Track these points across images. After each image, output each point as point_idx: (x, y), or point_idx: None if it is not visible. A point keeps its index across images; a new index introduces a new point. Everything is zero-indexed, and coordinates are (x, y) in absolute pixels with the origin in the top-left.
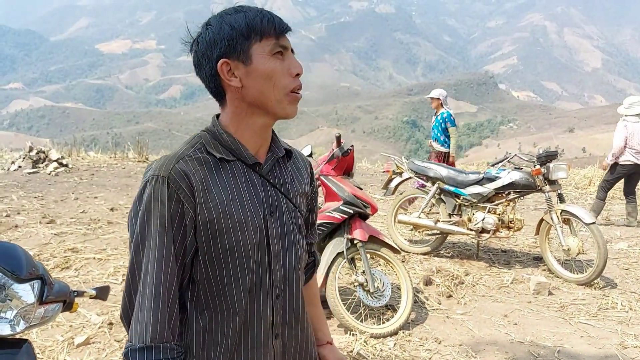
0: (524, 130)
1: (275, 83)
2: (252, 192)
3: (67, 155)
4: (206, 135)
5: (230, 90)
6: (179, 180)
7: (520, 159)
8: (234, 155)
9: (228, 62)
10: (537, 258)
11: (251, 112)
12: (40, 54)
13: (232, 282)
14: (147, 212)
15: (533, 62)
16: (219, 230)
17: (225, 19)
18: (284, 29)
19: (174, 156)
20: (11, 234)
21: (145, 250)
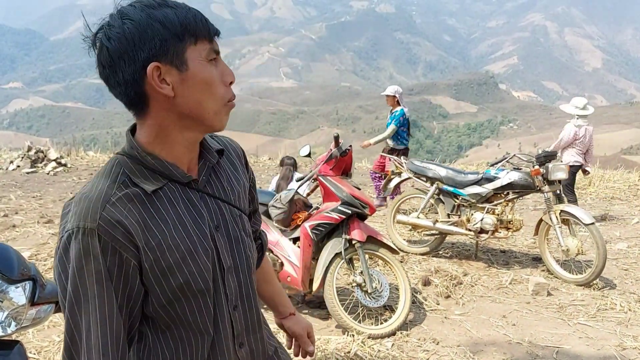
0: (525, 131)
1: (213, 92)
2: (194, 213)
3: (66, 155)
4: (127, 162)
5: (157, 99)
6: (111, 230)
7: (520, 159)
8: (165, 178)
9: (159, 66)
10: (536, 258)
11: (181, 126)
12: (40, 53)
13: (195, 310)
14: (79, 269)
15: (533, 62)
16: (168, 267)
17: (151, 14)
18: (216, 32)
19: (98, 199)
20: (9, 234)
21: (83, 310)
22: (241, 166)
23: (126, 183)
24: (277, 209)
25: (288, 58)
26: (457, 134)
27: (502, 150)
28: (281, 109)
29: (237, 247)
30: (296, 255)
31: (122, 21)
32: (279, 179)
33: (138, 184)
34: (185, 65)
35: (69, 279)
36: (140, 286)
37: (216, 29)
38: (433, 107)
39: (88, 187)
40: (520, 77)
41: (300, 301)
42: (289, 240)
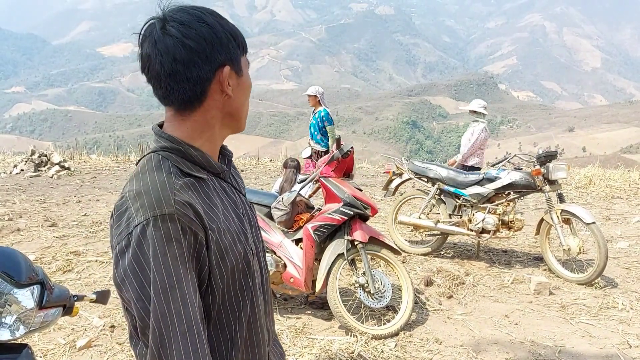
0: (524, 130)
1: (249, 96)
2: (230, 202)
3: (69, 159)
4: (171, 156)
5: (214, 98)
6: (186, 212)
7: (520, 159)
8: (203, 170)
9: (229, 70)
10: (537, 258)
11: (223, 123)
12: (42, 57)
13: (239, 294)
14: (163, 255)
15: (532, 62)
16: (225, 249)
17: (221, 24)
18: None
19: (164, 188)
20: (13, 238)
21: (171, 296)
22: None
23: (178, 174)
24: (280, 211)
25: (288, 60)
26: (457, 134)
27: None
28: (282, 110)
29: (256, 234)
30: (299, 257)
31: (199, 24)
32: (283, 181)
33: (190, 173)
34: (241, 71)
35: (153, 268)
36: (207, 268)
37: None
38: (433, 107)
39: (139, 184)
40: (519, 77)
41: (303, 302)
42: (292, 241)
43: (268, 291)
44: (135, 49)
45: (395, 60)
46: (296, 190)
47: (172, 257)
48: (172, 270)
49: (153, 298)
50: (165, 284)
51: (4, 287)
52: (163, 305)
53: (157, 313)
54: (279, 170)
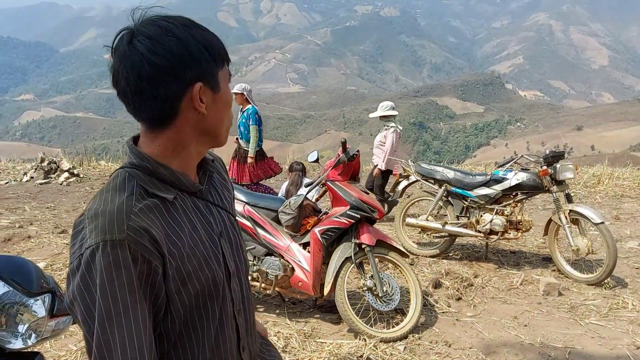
0: (532, 130)
1: (229, 111)
2: (204, 222)
3: (79, 165)
4: (138, 174)
5: (187, 116)
6: (140, 238)
7: (527, 159)
8: (175, 188)
9: (202, 87)
10: (546, 259)
11: (199, 141)
12: (50, 65)
13: (203, 317)
14: (109, 282)
15: (539, 61)
16: (187, 274)
17: (194, 35)
18: (229, 59)
19: (120, 211)
20: (24, 245)
21: (115, 324)
22: (225, 174)
23: (142, 194)
24: (287, 215)
25: (294, 63)
26: (464, 134)
27: (510, 150)
28: (288, 113)
29: (237, 252)
30: (306, 260)
31: (167, 37)
32: (289, 185)
33: (155, 193)
34: (218, 86)
35: (99, 295)
36: (164, 295)
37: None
38: (439, 108)
39: (99, 203)
40: (526, 77)
41: (312, 306)
42: (299, 245)
43: (250, 311)
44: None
45: (401, 61)
46: (303, 194)
47: (119, 285)
48: (118, 298)
49: (97, 324)
50: (111, 312)
51: (16, 297)
52: (107, 332)
53: (100, 340)
54: (286, 174)
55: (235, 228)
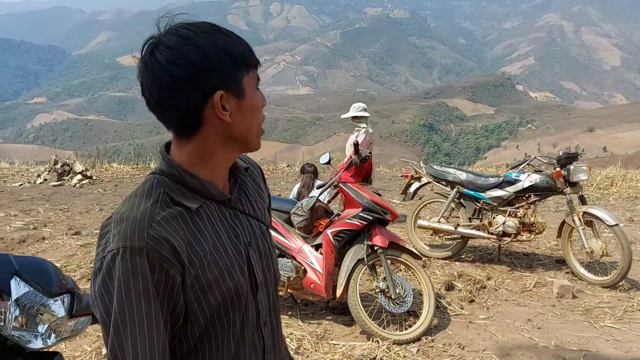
0: (543, 131)
1: (258, 117)
2: (230, 231)
3: (91, 167)
4: (166, 181)
5: (211, 124)
6: (159, 248)
7: (540, 161)
8: (202, 197)
9: (223, 95)
10: (559, 261)
11: (226, 148)
12: (62, 68)
13: (221, 328)
14: (126, 288)
15: (550, 63)
16: (207, 284)
17: (214, 42)
18: (259, 62)
19: (143, 218)
20: (39, 246)
21: (129, 330)
22: (262, 183)
23: (168, 202)
24: (299, 217)
25: (303, 66)
26: (474, 136)
27: (521, 152)
28: (298, 116)
29: (266, 262)
30: (319, 262)
31: (187, 46)
32: (300, 187)
33: (180, 202)
34: (242, 93)
35: (115, 300)
36: (183, 304)
37: (259, 60)
38: (449, 109)
39: (127, 207)
40: (537, 78)
41: (324, 308)
42: (312, 247)
43: (277, 324)
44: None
45: (411, 63)
46: (315, 196)
47: (135, 292)
48: (133, 305)
49: (111, 327)
50: (125, 317)
51: (36, 297)
52: (120, 336)
53: (114, 343)
54: (297, 176)
55: (266, 238)
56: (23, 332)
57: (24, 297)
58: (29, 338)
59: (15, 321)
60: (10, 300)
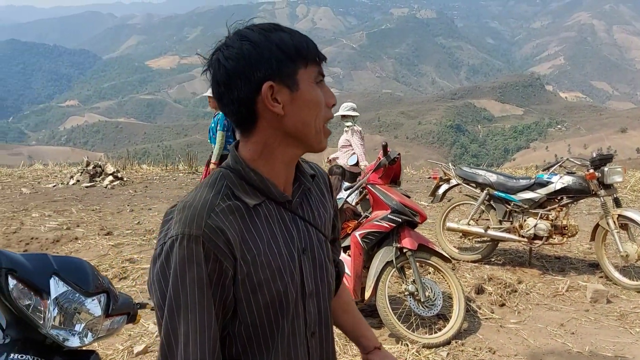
0: (574, 132)
1: (318, 113)
2: (285, 234)
3: (122, 169)
4: (230, 175)
5: (266, 117)
6: (215, 238)
7: (573, 162)
8: (263, 195)
9: (273, 86)
10: (593, 265)
11: (285, 143)
12: (94, 72)
13: (270, 332)
14: (181, 274)
15: (581, 62)
16: (258, 283)
17: (268, 37)
18: (324, 58)
19: (203, 208)
20: (72, 246)
21: (182, 316)
22: (328, 194)
23: (229, 195)
24: None
25: (329, 67)
26: (503, 137)
27: (551, 153)
28: None
29: (320, 273)
30: (347, 264)
31: (241, 42)
32: None
33: (240, 197)
34: (296, 85)
35: (170, 285)
36: (232, 298)
37: (324, 56)
38: (477, 110)
39: (191, 196)
40: (567, 78)
41: None
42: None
43: (327, 337)
44: (182, 61)
45: (437, 63)
46: (343, 198)
47: (190, 279)
48: (188, 291)
49: (166, 312)
50: (180, 303)
51: (74, 296)
52: (175, 321)
53: (168, 328)
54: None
55: (323, 248)
56: (61, 330)
57: (63, 297)
58: (66, 336)
59: (54, 320)
60: (49, 300)
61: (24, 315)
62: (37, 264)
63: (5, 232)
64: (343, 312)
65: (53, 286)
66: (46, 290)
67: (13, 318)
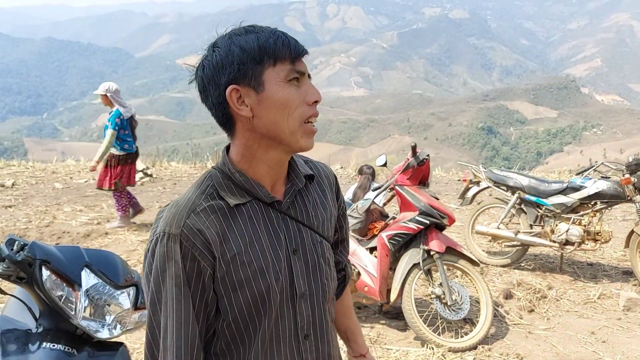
0: (609, 136)
1: (290, 112)
2: (272, 234)
3: (151, 166)
4: (217, 175)
5: (240, 120)
6: (192, 238)
7: (608, 167)
8: (249, 195)
9: (238, 89)
10: (626, 272)
11: (265, 145)
12: (126, 69)
13: (249, 330)
14: (162, 271)
15: (619, 64)
16: (239, 282)
17: (234, 40)
18: (300, 52)
19: (185, 208)
20: (102, 241)
21: (162, 310)
22: (331, 193)
23: (213, 195)
24: (354, 219)
25: (359, 67)
26: (535, 140)
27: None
28: (352, 117)
29: (313, 274)
30: (373, 265)
31: (212, 50)
32: (357, 188)
33: (224, 197)
34: (262, 86)
35: (152, 279)
36: (214, 296)
37: (301, 49)
38: (510, 112)
39: (182, 195)
40: (604, 80)
41: (378, 311)
42: (366, 249)
43: (324, 341)
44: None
45: (469, 64)
46: (370, 198)
47: (169, 276)
48: (167, 287)
49: (149, 307)
50: (160, 298)
51: (104, 289)
52: (157, 316)
53: (151, 322)
54: (350, 178)
55: (318, 249)
56: (91, 321)
57: (93, 289)
58: (96, 328)
59: (85, 311)
60: (81, 291)
61: (56, 306)
62: (69, 256)
63: (39, 226)
64: (341, 315)
65: (84, 278)
66: (78, 282)
67: (46, 308)
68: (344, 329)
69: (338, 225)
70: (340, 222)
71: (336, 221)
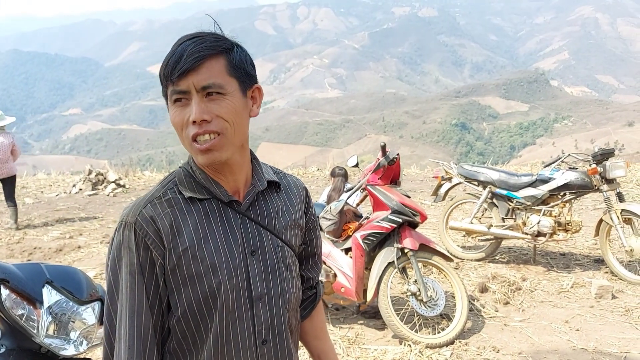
0: (580, 127)
1: (180, 133)
2: (228, 232)
3: (124, 176)
4: (180, 173)
5: None
6: (146, 226)
7: (575, 158)
8: (208, 194)
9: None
10: (598, 260)
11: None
12: (96, 79)
13: (200, 329)
14: (118, 259)
15: (586, 56)
16: (189, 276)
17: (167, 55)
18: (176, 74)
19: (143, 199)
20: (74, 255)
21: (118, 298)
22: (299, 205)
23: (173, 190)
24: (328, 220)
25: (332, 68)
26: (508, 134)
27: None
28: (327, 119)
29: (272, 277)
30: (349, 266)
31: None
32: (331, 190)
33: (182, 192)
34: (168, 107)
35: (109, 267)
36: (164, 286)
37: (179, 69)
38: (482, 108)
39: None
40: (572, 73)
41: (355, 312)
42: (341, 251)
43: (283, 348)
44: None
45: (441, 62)
46: (343, 200)
47: (124, 264)
48: (122, 275)
49: (106, 295)
50: (117, 286)
51: (68, 305)
52: (114, 304)
53: (109, 309)
54: (327, 179)
55: (279, 253)
56: (55, 339)
57: (56, 305)
58: (61, 345)
59: (48, 329)
60: (42, 309)
61: (17, 325)
62: (29, 274)
63: (9, 243)
64: (314, 337)
65: (46, 295)
66: (39, 300)
67: (7, 328)
68: (317, 352)
69: (308, 238)
70: (310, 235)
71: (305, 235)
